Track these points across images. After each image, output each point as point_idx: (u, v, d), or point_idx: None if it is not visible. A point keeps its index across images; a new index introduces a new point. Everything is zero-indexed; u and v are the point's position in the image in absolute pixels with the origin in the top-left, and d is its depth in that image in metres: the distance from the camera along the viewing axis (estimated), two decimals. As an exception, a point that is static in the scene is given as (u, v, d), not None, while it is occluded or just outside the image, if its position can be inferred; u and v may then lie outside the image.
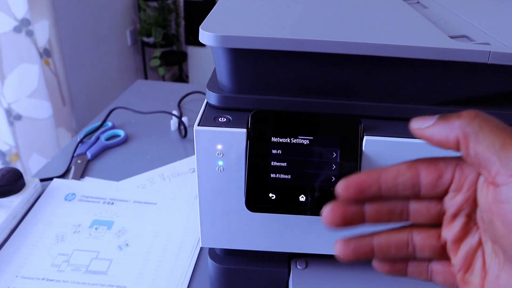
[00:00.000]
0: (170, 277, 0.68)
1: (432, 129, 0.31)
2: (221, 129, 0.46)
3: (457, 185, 0.32)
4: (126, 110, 1.16)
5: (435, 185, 0.32)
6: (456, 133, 0.30)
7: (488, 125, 0.29)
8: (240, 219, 0.51)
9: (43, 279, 0.68)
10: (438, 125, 0.31)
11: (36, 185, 0.85)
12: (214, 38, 0.44)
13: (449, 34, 0.48)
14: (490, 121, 0.29)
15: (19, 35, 1.52)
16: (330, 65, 0.46)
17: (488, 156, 0.28)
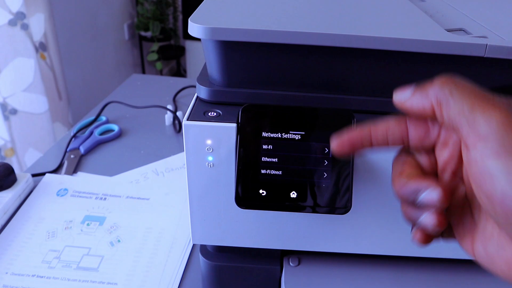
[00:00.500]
0: (162, 274, 0.67)
1: (411, 100, 0.32)
2: (211, 124, 0.45)
3: (443, 141, 0.33)
4: (121, 104, 1.15)
5: (422, 140, 0.33)
6: (431, 100, 0.31)
7: (458, 90, 0.30)
8: (231, 216, 0.50)
9: (34, 275, 0.67)
10: (415, 95, 0.32)
11: (28, 181, 0.84)
12: (203, 30, 0.42)
13: (445, 27, 0.47)
14: (461, 86, 0.30)
15: (14, 28, 1.51)
16: (323, 58, 0.45)
17: (459, 120, 0.29)
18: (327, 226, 0.50)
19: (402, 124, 0.34)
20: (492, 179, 0.27)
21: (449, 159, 0.32)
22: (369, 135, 0.34)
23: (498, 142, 0.27)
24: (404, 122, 0.34)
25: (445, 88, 0.30)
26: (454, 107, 0.29)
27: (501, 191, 0.26)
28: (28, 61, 1.58)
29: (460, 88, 0.30)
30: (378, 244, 0.52)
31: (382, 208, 0.49)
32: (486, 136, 0.27)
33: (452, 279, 0.55)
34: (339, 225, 0.50)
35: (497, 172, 0.27)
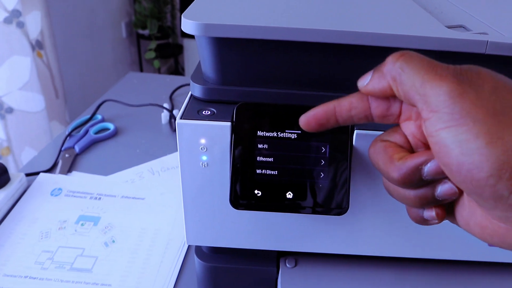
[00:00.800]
0: (157, 275, 0.66)
1: (371, 83, 0.33)
2: (205, 123, 0.44)
3: (406, 115, 0.33)
4: (116, 103, 1.14)
5: (385, 115, 0.34)
6: (387, 79, 0.31)
7: (409, 64, 0.30)
8: (226, 216, 0.49)
9: (26, 277, 0.66)
10: (374, 77, 0.33)
11: (22, 180, 0.83)
12: (196, 26, 0.41)
13: (445, 24, 0.46)
14: (411, 59, 0.30)
15: (10, 26, 1.50)
16: (319, 55, 0.44)
17: (412, 95, 0.30)
18: (324, 227, 0.49)
19: (365, 101, 0.34)
20: (446, 150, 0.27)
21: (415, 132, 0.33)
22: (334, 112, 0.35)
23: (447, 113, 0.27)
24: (366, 100, 0.34)
25: (397, 64, 0.31)
26: (406, 83, 0.30)
27: (456, 160, 0.27)
28: (25, 59, 1.57)
29: (411, 62, 0.30)
30: (375, 245, 0.51)
31: (380, 208, 0.48)
32: (437, 108, 0.28)
33: (451, 280, 0.54)
34: (336, 226, 0.49)
35: (449, 142, 0.27)
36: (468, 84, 0.28)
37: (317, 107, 0.36)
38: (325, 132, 0.43)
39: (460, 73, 0.29)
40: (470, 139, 0.26)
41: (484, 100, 0.27)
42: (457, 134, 0.27)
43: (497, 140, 0.26)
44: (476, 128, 0.26)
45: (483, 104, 0.27)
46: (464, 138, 0.27)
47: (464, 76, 0.29)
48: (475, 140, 0.26)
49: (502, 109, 0.27)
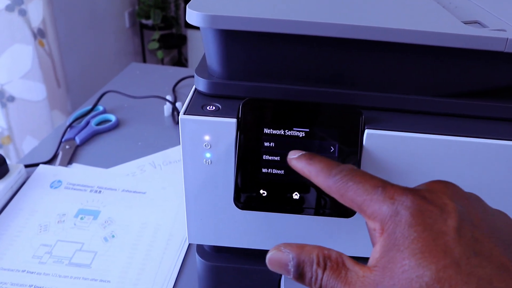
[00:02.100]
0: (157, 272, 0.65)
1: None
2: (209, 119, 0.42)
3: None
4: (118, 94, 1.12)
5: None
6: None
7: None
8: (229, 215, 0.48)
9: (23, 271, 0.65)
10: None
11: (21, 171, 0.82)
12: (202, 18, 0.40)
13: (460, 19, 0.44)
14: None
15: (12, 14, 1.48)
16: (330, 50, 0.42)
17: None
18: (330, 229, 0.48)
19: None
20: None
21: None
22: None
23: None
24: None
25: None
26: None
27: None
28: (26, 47, 1.55)
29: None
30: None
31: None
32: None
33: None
34: (342, 228, 0.48)
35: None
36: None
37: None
38: (334, 131, 0.41)
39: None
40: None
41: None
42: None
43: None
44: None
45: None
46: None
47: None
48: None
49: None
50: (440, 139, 0.41)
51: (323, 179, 0.33)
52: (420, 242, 0.26)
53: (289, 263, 0.31)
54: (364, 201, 0.30)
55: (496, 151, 0.41)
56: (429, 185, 0.31)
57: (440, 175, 0.43)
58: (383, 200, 0.29)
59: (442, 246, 0.26)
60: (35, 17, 1.58)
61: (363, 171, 0.32)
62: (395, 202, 0.28)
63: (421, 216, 0.27)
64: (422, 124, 0.42)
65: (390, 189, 0.29)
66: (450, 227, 0.27)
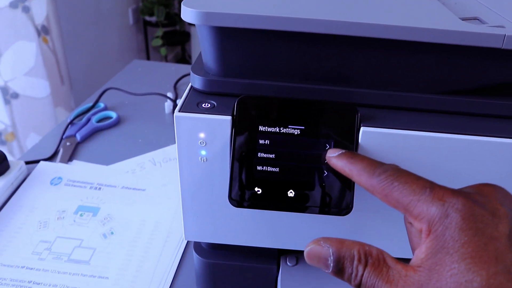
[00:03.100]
0: (155, 269, 0.65)
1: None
2: (204, 116, 0.42)
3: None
4: (120, 91, 1.12)
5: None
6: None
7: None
8: (225, 213, 0.48)
9: (23, 267, 0.65)
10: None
11: (21, 168, 0.82)
12: (196, 15, 0.39)
13: (459, 15, 0.43)
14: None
15: (15, 11, 1.48)
16: (326, 47, 0.42)
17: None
18: (327, 226, 0.48)
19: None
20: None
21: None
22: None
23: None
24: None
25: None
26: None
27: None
28: (30, 44, 1.55)
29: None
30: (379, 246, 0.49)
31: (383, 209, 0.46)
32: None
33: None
34: (339, 225, 0.47)
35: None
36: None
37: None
38: (330, 128, 0.41)
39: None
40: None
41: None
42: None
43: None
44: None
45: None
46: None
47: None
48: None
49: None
50: (437, 137, 0.41)
51: (366, 178, 0.33)
52: (471, 246, 0.26)
53: (329, 258, 0.31)
54: (411, 201, 0.29)
55: (493, 148, 0.41)
56: (479, 188, 0.30)
57: (436, 173, 0.42)
58: (431, 201, 0.28)
59: (493, 252, 0.26)
60: (39, 14, 1.58)
61: (408, 171, 0.32)
62: (445, 204, 0.28)
63: (472, 220, 0.27)
64: (419, 122, 0.42)
65: (439, 191, 0.29)
66: (501, 232, 0.26)
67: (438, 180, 0.42)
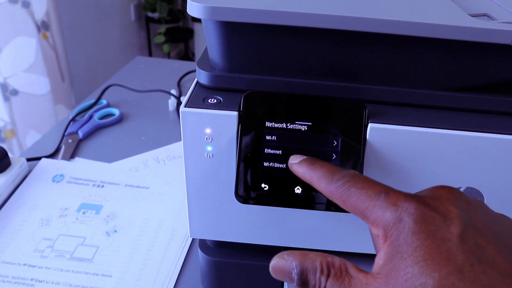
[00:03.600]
0: (160, 268, 0.64)
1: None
2: (210, 111, 0.41)
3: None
4: (122, 88, 1.12)
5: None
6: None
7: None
8: (231, 210, 0.47)
9: (25, 264, 0.65)
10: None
11: (23, 165, 0.81)
12: (203, 9, 0.39)
13: (468, 12, 0.43)
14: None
15: (15, 6, 1.47)
16: (333, 43, 0.41)
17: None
18: (334, 224, 0.47)
19: None
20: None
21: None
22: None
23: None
24: None
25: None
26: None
27: None
28: (30, 40, 1.55)
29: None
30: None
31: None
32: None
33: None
34: (345, 223, 0.47)
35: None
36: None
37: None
38: (337, 125, 0.40)
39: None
40: None
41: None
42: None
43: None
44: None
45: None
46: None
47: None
48: None
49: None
50: (445, 133, 0.40)
51: (324, 185, 0.33)
52: (423, 249, 0.26)
53: (293, 271, 0.31)
54: (367, 207, 0.29)
55: (502, 146, 0.40)
56: (432, 191, 0.31)
57: (444, 169, 0.42)
58: (386, 206, 0.29)
59: (445, 253, 0.26)
60: (39, 9, 1.58)
61: (366, 177, 0.32)
62: (398, 209, 0.28)
63: (424, 223, 0.27)
64: (427, 118, 0.42)
65: (393, 195, 0.29)
66: (453, 234, 0.27)
67: (445, 177, 0.42)
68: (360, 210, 0.30)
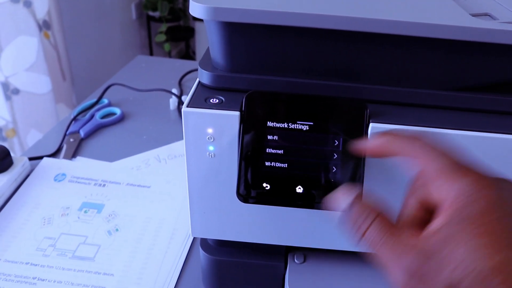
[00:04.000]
0: (161, 266, 0.64)
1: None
2: (212, 111, 0.42)
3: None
4: (124, 87, 1.12)
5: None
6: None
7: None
8: (232, 209, 0.47)
9: (27, 263, 0.65)
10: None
11: (25, 164, 0.82)
12: (205, 10, 0.39)
13: (470, 11, 0.43)
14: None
15: (17, 5, 1.47)
16: (335, 43, 0.42)
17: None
18: (334, 223, 0.47)
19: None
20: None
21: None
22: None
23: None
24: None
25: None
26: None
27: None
28: (31, 39, 1.55)
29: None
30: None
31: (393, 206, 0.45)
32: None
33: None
34: (347, 222, 0.47)
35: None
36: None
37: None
38: (339, 124, 0.41)
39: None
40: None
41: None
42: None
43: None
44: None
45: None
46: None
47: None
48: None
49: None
50: (445, 133, 0.40)
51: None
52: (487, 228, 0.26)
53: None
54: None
55: (504, 145, 0.40)
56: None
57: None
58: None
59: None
60: (40, 9, 1.58)
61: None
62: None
63: (499, 203, 0.27)
64: (428, 118, 0.42)
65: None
66: None
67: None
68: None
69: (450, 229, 0.27)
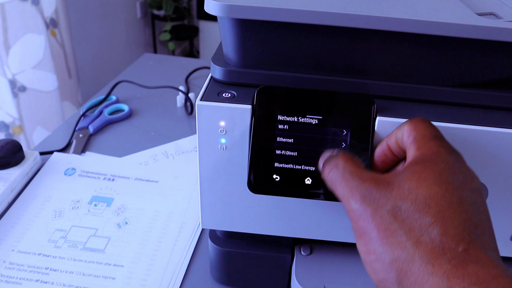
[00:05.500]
0: (169, 258, 0.66)
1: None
2: (225, 105, 0.43)
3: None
4: (131, 84, 1.13)
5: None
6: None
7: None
8: (242, 201, 0.49)
9: (40, 254, 0.66)
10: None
11: (36, 158, 0.83)
12: (220, 7, 0.40)
13: (475, 10, 0.44)
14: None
15: (25, 3, 1.49)
16: (344, 40, 0.43)
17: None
18: (341, 215, 0.49)
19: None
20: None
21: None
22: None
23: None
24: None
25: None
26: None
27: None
28: (38, 37, 1.56)
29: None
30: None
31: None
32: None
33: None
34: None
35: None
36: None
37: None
38: (346, 118, 0.42)
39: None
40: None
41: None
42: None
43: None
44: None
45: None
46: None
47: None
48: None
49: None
50: (451, 127, 0.41)
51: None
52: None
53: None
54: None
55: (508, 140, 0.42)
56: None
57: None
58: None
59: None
60: (48, 7, 1.59)
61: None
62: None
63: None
64: (434, 113, 0.43)
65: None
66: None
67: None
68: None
69: (406, 170, 0.33)
